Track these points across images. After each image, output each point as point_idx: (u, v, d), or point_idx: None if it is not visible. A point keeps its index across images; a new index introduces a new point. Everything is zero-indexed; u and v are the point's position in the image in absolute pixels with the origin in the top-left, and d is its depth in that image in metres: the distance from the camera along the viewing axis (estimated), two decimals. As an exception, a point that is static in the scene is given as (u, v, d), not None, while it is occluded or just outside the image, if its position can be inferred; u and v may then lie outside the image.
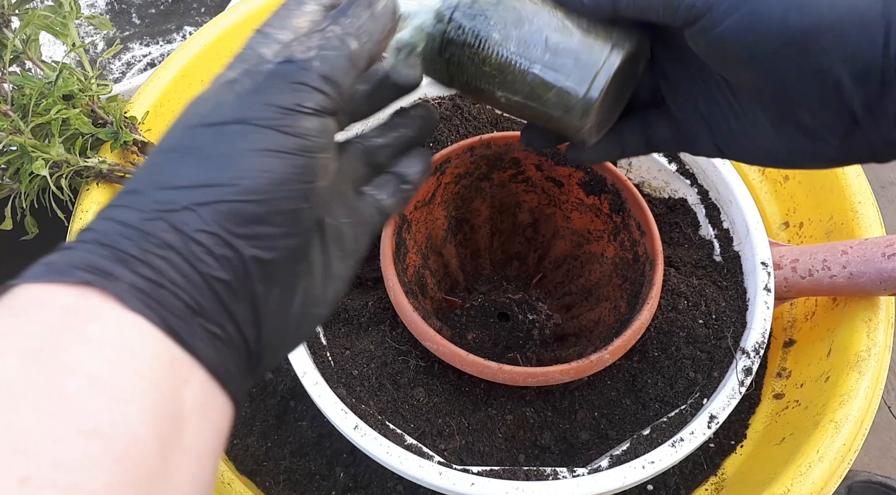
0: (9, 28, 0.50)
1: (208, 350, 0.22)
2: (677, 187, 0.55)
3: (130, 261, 0.21)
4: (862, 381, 0.45)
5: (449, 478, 0.39)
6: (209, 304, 0.22)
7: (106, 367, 0.19)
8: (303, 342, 0.27)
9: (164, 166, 0.23)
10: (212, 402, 0.22)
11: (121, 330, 0.20)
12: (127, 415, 0.19)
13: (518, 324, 0.54)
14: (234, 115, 0.23)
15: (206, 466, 0.22)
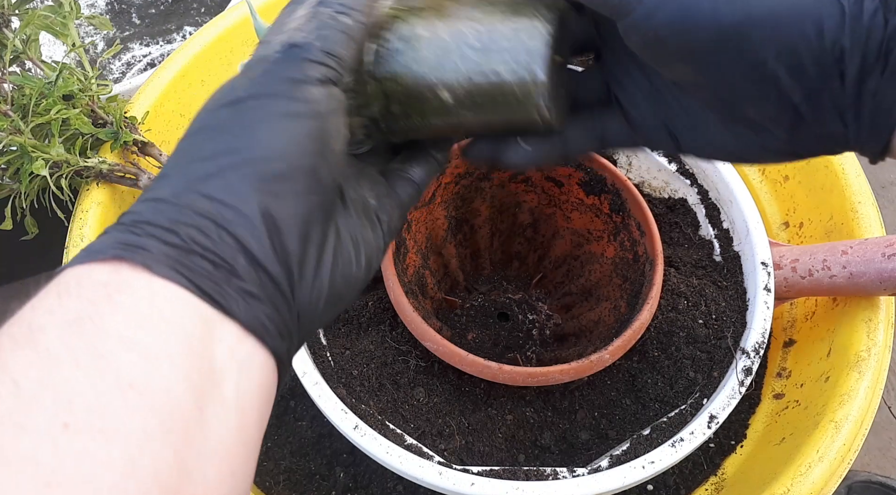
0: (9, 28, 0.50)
1: (241, 307, 0.23)
2: (677, 187, 0.55)
3: (161, 232, 0.22)
4: (862, 381, 0.45)
5: (449, 478, 0.39)
6: (241, 264, 0.23)
7: (137, 330, 0.21)
8: (342, 306, 0.28)
9: (189, 146, 0.25)
10: (251, 359, 0.23)
11: (151, 296, 0.21)
12: (159, 370, 0.20)
13: (518, 324, 0.54)
14: (250, 93, 0.25)
15: (250, 420, 0.23)
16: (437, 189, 0.51)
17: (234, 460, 0.22)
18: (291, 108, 0.25)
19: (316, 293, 0.26)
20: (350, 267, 0.27)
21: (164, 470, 0.19)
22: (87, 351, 0.20)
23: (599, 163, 0.49)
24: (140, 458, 0.19)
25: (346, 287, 0.27)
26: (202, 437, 0.21)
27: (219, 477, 0.21)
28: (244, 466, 0.23)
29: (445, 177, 0.51)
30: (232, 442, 0.22)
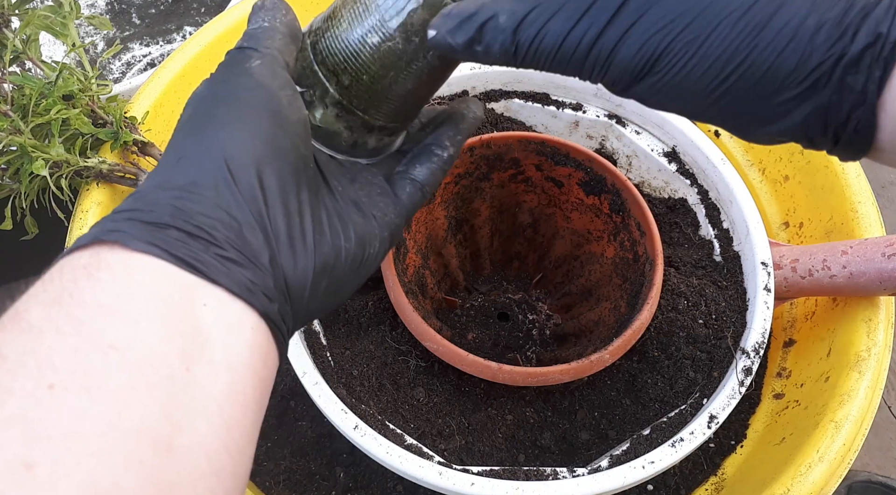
0: (9, 28, 0.50)
1: (221, 272, 0.24)
2: (677, 187, 0.55)
3: (137, 214, 0.24)
4: (862, 381, 0.45)
5: (449, 478, 0.39)
6: (219, 231, 0.24)
7: (117, 299, 0.22)
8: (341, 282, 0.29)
9: (169, 146, 0.27)
10: (239, 321, 0.24)
11: (129, 269, 0.22)
12: (140, 332, 0.21)
13: (518, 324, 0.54)
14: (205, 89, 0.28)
15: (244, 379, 0.23)
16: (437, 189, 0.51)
17: (227, 415, 0.22)
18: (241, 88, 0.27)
19: (301, 257, 0.26)
20: (338, 238, 0.28)
21: (152, 421, 0.20)
22: (68, 320, 0.21)
23: (599, 163, 0.49)
24: (126, 411, 0.20)
25: (335, 257, 0.28)
26: (191, 393, 0.21)
27: (212, 430, 0.22)
28: (240, 423, 0.23)
29: (445, 177, 0.51)
30: (224, 398, 0.22)
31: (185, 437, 0.21)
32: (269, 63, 0.29)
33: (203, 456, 0.21)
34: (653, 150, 0.55)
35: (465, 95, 0.56)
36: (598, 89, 0.55)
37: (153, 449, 0.20)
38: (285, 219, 0.26)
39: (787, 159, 0.59)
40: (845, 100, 0.24)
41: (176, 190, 0.25)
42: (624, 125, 0.56)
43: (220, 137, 0.26)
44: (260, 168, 0.26)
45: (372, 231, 0.30)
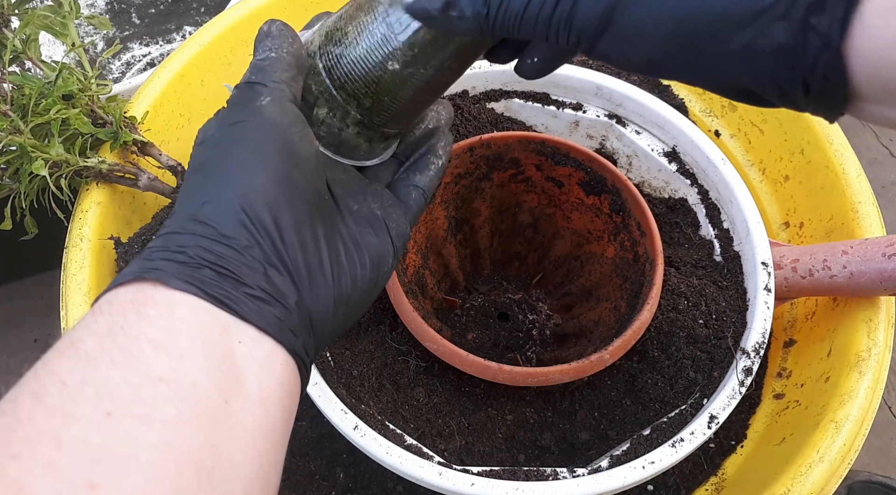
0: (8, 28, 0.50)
1: (253, 311, 0.25)
2: (677, 187, 0.55)
3: (171, 254, 0.26)
4: (862, 381, 0.45)
5: (449, 479, 0.39)
6: (246, 272, 0.26)
7: (163, 335, 0.23)
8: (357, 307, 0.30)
9: (184, 187, 0.29)
10: (270, 358, 0.26)
11: (172, 305, 0.24)
12: (185, 366, 0.23)
13: (518, 324, 0.54)
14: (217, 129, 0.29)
15: (274, 414, 0.25)
16: (438, 189, 0.51)
17: (260, 447, 0.24)
18: (254, 129, 0.28)
19: (321, 289, 0.28)
20: (354, 267, 0.30)
21: (197, 451, 0.22)
22: (121, 352, 0.22)
23: (600, 163, 0.49)
24: (175, 439, 0.21)
25: (353, 286, 0.29)
26: (229, 426, 0.23)
27: (247, 462, 0.23)
28: (270, 455, 0.25)
29: (445, 177, 0.51)
30: (258, 432, 0.24)
31: (224, 467, 0.22)
32: (278, 99, 0.29)
33: (239, 486, 0.23)
34: (653, 150, 0.55)
35: (464, 95, 0.56)
36: (599, 89, 0.55)
37: (197, 476, 0.21)
38: (304, 256, 0.27)
39: (787, 159, 0.59)
40: (809, 42, 0.22)
41: (201, 234, 0.26)
42: (624, 125, 0.56)
43: (238, 182, 0.27)
44: (276, 209, 0.27)
45: (386, 249, 0.32)
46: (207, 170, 0.28)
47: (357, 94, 0.32)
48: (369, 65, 0.32)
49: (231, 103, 0.30)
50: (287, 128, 0.29)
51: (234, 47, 0.63)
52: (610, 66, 0.65)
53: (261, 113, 0.29)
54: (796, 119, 0.58)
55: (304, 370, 0.27)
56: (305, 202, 0.28)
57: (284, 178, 0.28)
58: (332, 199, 0.31)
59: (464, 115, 0.55)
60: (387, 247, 0.32)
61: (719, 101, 0.64)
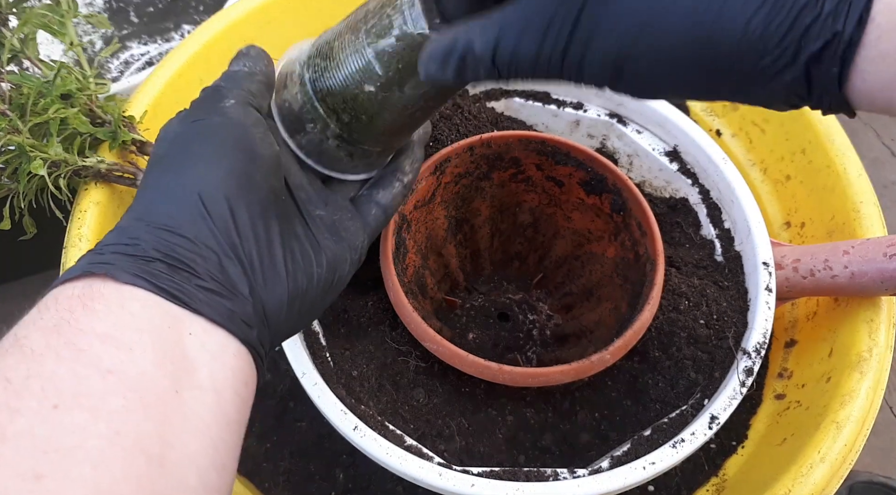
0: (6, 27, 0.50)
1: (204, 303, 0.26)
2: (678, 187, 0.54)
3: (122, 247, 0.26)
4: (863, 382, 0.45)
5: (449, 479, 0.39)
6: (199, 264, 0.26)
7: (112, 328, 0.23)
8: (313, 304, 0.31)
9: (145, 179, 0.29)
10: (223, 348, 0.26)
11: (121, 299, 0.24)
12: (134, 358, 0.23)
13: (518, 324, 0.53)
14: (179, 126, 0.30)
15: (229, 402, 0.25)
16: (437, 189, 0.51)
17: (214, 435, 0.24)
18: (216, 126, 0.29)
19: (274, 283, 0.28)
20: (311, 265, 0.30)
21: (147, 439, 0.22)
22: (67, 346, 0.22)
23: (600, 163, 0.49)
24: (123, 428, 0.21)
25: (308, 283, 0.30)
26: (181, 414, 0.23)
27: (200, 449, 0.24)
28: (225, 442, 0.25)
29: (445, 176, 0.51)
30: (211, 419, 0.24)
31: (176, 454, 0.22)
32: (242, 102, 0.31)
33: (193, 472, 0.23)
34: (654, 150, 0.55)
35: (464, 94, 0.56)
36: (599, 88, 0.55)
37: (147, 463, 0.21)
38: (258, 250, 0.28)
39: (788, 159, 0.59)
40: (814, 87, 0.24)
41: (156, 225, 0.26)
42: (625, 124, 0.56)
43: (196, 174, 0.28)
44: (233, 203, 0.28)
45: (343, 254, 0.33)
46: (165, 165, 0.29)
47: (336, 109, 0.33)
48: (348, 83, 0.32)
49: (195, 103, 0.31)
50: (248, 127, 0.30)
51: (233, 46, 0.62)
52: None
53: (223, 112, 0.30)
54: (797, 118, 0.58)
55: (260, 360, 0.28)
56: (262, 198, 0.29)
57: (242, 174, 0.28)
58: (291, 201, 0.32)
59: (464, 114, 0.54)
60: (343, 253, 0.33)
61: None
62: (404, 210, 0.48)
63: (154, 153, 0.30)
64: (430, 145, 0.52)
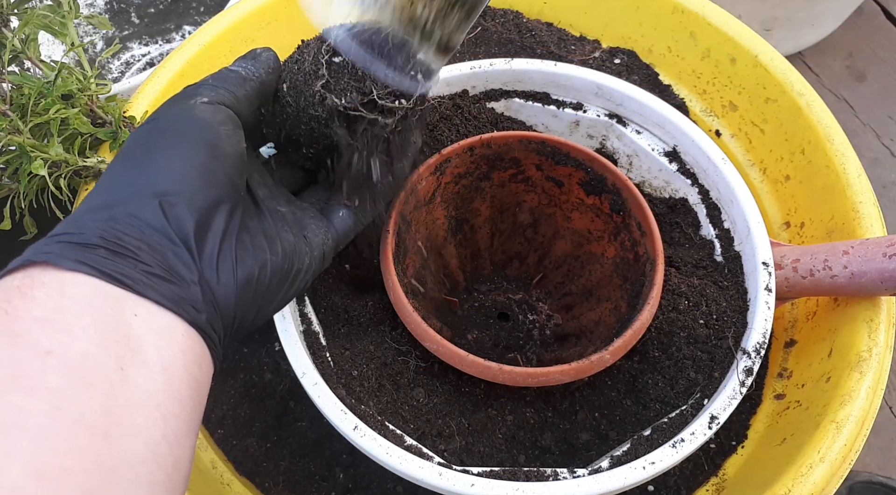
0: (8, 27, 0.50)
1: (149, 287, 0.26)
2: (678, 187, 0.55)
3: (68, 236, 0.26)
4: (863, 382, 0.45)
5: (449, 479, 0.39)
6: (146, 253, 0.26)
7: (51, 313, 0.23)
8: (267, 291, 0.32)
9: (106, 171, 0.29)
10: (171, 329, 0.26)
11: (62, 286, 0.24)
12: (75, 339, 0.23)
13: (518, 324, 0.53)
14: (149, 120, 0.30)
15: (179, 378, 0.26)
16: (437, 189, 0.51)
17: (164, 409, 0.25)
18: (182, 122, 0.30)
19: (224, 271, 0.29)
20: (263, 253, 0.31)
21: (90, 413, 0.22)
22: (4, 333, 0.22)
23: (600, 163, 0.49)
24: (65, 405, 0.22)
25: (260, 269, 0.31)
26: (127, 390, 0.23)
27: (150, 422, 0.24)
28: (177, 416, 0.25)
29: (445, 177, 0.51)
30: (162, 396, 0.25)
31: (122, 428, 0.23)
32: (215, 100, 0.31)
33: (142, 444, 0.23)
34: (653, 150, 0.55)
35: (464, 94, 0.56)
36: (599, 89, 0.55)
37: (91, 437, 0.22)
38: (209, 238, 0.28)
39: (788, 159, 0.59)
40: None
41: (105, 214, 0.26)
42: (625, 124, 0.56)
43: (153, 165, 0.28)
44: (190, 193, 0.28)
45: (301, 248, 0.33)
46: (125, 158, 0.29)
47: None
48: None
49: (166, 101, 0.31)
50: (215, 125, 0.30)
51: (234, 47, 0.63)
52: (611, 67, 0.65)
53: (191, 109, 0.30)
54: (797, 119, 0.58)
55: (213, 344, 0.28)
56: (219, 191, 0.29)
57: (202, 167, 0.29)
58: (250, 197, 0.33)
59: (464, 115, 0.54)
60: (302, 246, 0.33)
61: (720, 100, 0.64)
62: (405, 210, 0.48)
63: (123, 147, 0.30)
64: (430, 146, 0.53)
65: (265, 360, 0.54)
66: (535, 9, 0.69)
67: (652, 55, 0.66)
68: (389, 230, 0.46)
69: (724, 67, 0.62)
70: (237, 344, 0.55)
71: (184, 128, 0.29)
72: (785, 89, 0.59)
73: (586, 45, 0.67)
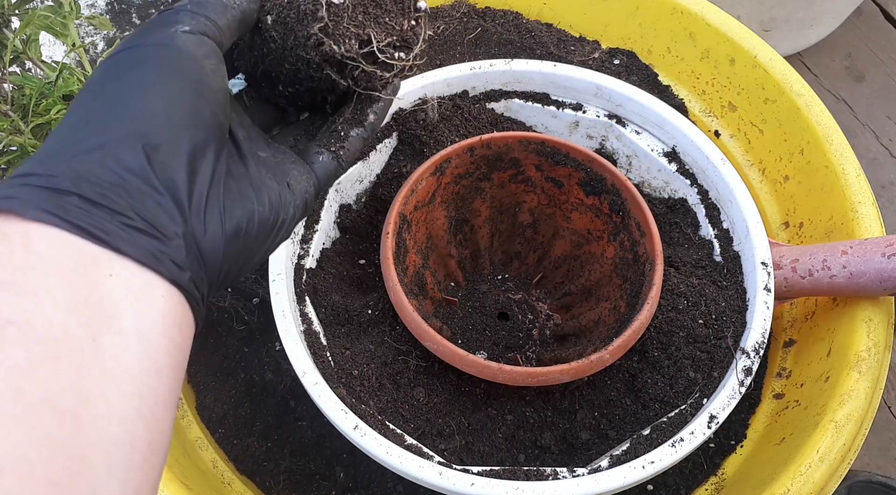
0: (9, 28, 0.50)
1: (128, 243, 0.23)
2: (677, 187, 0.55)
3: (37, 179, 0.23)
4: (862, 381, 0.45)
5: (449, 478, 0.39)
6: (125, 201, 0.23)
7: (14, 272, 0.20)
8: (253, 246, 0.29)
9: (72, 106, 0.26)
10: (149, 289, 0.23)
11: (27, 240, 0.21)
12: (39, 306, 0.20)
13: (518, 324, 0.54)
14: (124, 47, 0.27)
15: (158, 346, 0.23)
16: (437, 189, 0.51)
17: (140, 384, 0.22)
18: (164, 52, 0.26)
19: (211, 221, 0.26)
20: (251, 203, 0.28)
21: (56, 394, 0.20)
22: None
23: (599, 164, 0.49)
24: (27, 386, 0.19)
25: (248, 221, 0.28)
26: (99, 363, 0.21)
27: (124, 400, 0.21)
28: (155, 391, 0.23)
29: (445, 177, 0.51)
30: (137, 367, 0.22)
31: (94, 408, 0.20)
32: (197, 30, 0.27)
33: (116, 425, 0.21)
34: (653, 150, 0.55)
35: (464, 95, 0.56)
36: (598, 89, 0.55)
37: (59, 421, 0.19)
38: (195, 185, 0.26)
39: (786, 159, 0.59)
40: None
41: (76, 154, 0.23)
42: (624, 125, 0.56)
43: (132, 101, 0.25)
44: (174, 134, 0.25)
45: (287, 197, 0.31)
46: (98, 90, 0.25)
47: None
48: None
49: (146, 24, 0.27)
50: (199, 58, 0.27)
51: (235, 47, 0.63)
52: (610, 67, 0.65)
53: (173, 38, 0.26)
54: (796, 119, 0.58)
55: (196, 303, 0.25)
56: (205, 132, 0.26)
57: (187, 105, 0.26)
58: (232, 140, 0.30)
59: (463, 116, 0.55)
60: (287, 195, 0.31)
61: (719, 101, 0.64)
62: (405, 210, 0.48)
63: (92, 75, 0.26)
64: (430, 145, 0.53)
65: (266, 360, 0.54)
66: (534, 9, 0.69)
67: (651, 56, 0.66)
68: (389, 230, 0.46)
69: (724, 68, 0.63)
70: (238, 344, 0.55)
71: (164, 60, 0.26)
72: (784, 90, 0.59)
73: (586, 46, 0.67)
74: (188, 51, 0.26)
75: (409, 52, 0.34)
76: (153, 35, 0.26)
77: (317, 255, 0.50)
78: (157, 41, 0.26)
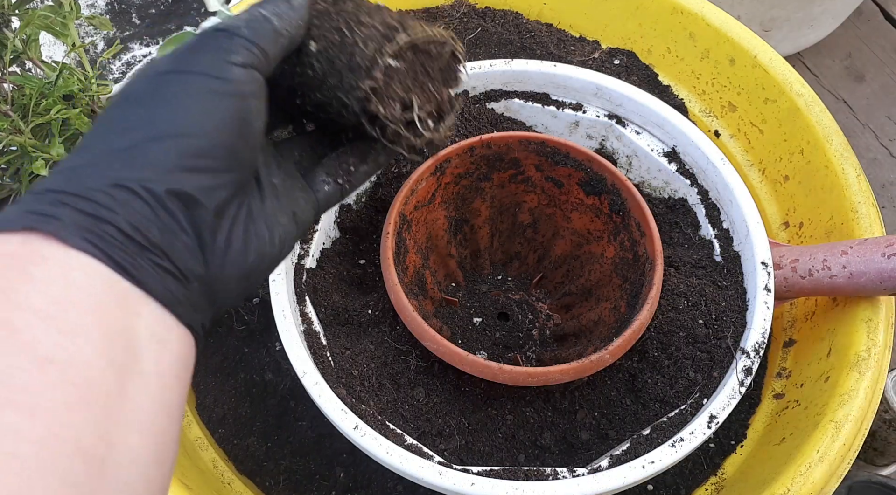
0: (9, 28, 0.50)
1: (157, 283, 0.23)
2: (677, 187, 0.55)
3: (73, 199, 0.22)
4: (862, 381, 0.45)
5: (449, 478, 0.39)
6: (156, 238, 0.23)
7: (53, 304, 0.20)
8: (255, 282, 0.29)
9: (108, 117, 0.25)
10: (169, 333, 0.23)
11: (67, 268, 0.21)
12: (77, 345, 0.20)
13: (518, 324, 0.54)
14: (171, 67, 0.25)
15: (171, 389, 0.23)
16: (437, 189, 0.51)
17: (157, 428, 0.22)
18: (214, 85, 0.25)
19: (230, 265, 0.26)
20: (264, 244, 0.28)
21: (87, 440, 0.19)
22: (2, 325, 0.19)
23: (599, 164, 0.49)
24: (61, 430, 0.19)
25: (259, 262, 0.28)
26: (124, 408, 0.21)
27: (143, 444, 0.21)
28: (167, 432, 0.23)
29: (445, 177, 0.51)
30: (154, 411, 0.22)
31: (117, 453, 0.20)
32: (249, 63, 0.26)
33: (134, 470, 0.21)
34: (653, 150, 0.55)
35: (464, 95, 0.56)
36: (599, 89, 0.55)
37: (87, 467, 0.19)
38: (221, 229, 0.26)
39: (787, 159, 0.59)
40: None
41: (117, 178, 0.23)
42: (624, 125, 0.56)
43: (178, 137, 0.24)
44: (210, 175, 0.25)
45: (292, 231, 0.31)
46: (146, 106, 0.24)
47: None
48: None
49: (195, 45, 0.26)
50: (247, 97, 0.26)
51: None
52: (610, 67, 0.65)
53: (225, 71, 0.25)
54: (796, 119, 0.58)
55: (199, 340, 0.26)
56: (239, 176, 0.26)
57: (230, 150, 0.25)
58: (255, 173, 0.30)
59: (464, 116, 0.55)
60: (293, 229, 0.31)
61: (719, 101, 0.64)
62: (405, 210, 0.48)
63: (132, 87, 0.25)
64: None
65: (266, 360, 0.54)
66: (534, 10, 0.69)
67: (651, 56, 0.66)
68: (389, 230, 0.46)
69: (724, 68, 0.63)
70: (238, 344, 0.55)
71: (214, 96, 0.25)
72: (784, 90, 0.59)
73: (586, 46, 0.67)
74: (239, 90, 0.26)
75: (440, 123, 0.34)
76: (204, 62, 0.25)
77: (317, 255, 0.50)
78: (208, 71, 0.25)
